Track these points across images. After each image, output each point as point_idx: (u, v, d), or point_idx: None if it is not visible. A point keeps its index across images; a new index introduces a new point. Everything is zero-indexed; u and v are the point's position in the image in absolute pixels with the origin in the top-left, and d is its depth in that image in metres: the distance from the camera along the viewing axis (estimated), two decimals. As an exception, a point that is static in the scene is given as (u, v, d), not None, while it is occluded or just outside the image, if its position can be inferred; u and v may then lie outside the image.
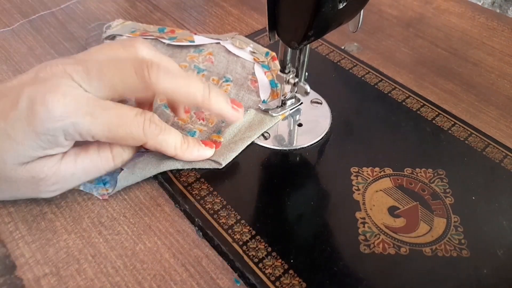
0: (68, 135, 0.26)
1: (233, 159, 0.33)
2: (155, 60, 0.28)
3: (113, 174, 0.32)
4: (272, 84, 0.39)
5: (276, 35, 0.30)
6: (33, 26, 0.47)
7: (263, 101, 0.37)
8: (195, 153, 0.31)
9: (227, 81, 0.39)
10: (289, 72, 0.33)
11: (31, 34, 0.46)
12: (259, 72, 0.40)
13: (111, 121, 0.27)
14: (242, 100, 0.38)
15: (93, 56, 0.29)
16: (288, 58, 0.33)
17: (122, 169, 0.31)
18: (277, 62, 0.41)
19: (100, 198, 0.31)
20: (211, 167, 0.32)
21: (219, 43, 0.43)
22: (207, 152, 0.32)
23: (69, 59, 0.28)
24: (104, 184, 0.31)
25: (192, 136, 0.34)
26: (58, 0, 0.51)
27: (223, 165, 0.32)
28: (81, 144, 0.28)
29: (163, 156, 0.31)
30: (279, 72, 0.34)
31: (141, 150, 0.32)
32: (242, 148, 0.33)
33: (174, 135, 0.30)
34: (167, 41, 0.42)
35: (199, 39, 0.43)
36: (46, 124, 0.25)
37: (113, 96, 0.28)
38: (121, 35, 0.43)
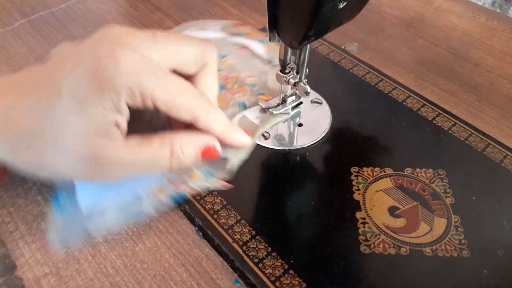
0: (130, 95, 0.25)
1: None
2: None
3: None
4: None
5: (276, 35, 0.30)
6: (33, 26, 0.47)
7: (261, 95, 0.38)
8: (238, 133, 0.30)
9: (223, 57, 0.40)
10: (289, 72, 0.33)
11: (31, 34, 0.46)
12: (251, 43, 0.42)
13: (174, 87, 0.26)
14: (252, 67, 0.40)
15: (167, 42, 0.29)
16: (288, 58, 0.33)
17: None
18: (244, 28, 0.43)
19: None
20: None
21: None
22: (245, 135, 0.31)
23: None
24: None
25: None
26: (58, 0, 0.51)
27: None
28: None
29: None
30: (279, 72, 0.34)
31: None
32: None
33: (223, 115, 0.29)
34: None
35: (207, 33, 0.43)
36: (113, 78, 0.24)
37: (171, 65, 0.28)
38: None
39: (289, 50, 0.32)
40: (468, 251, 0.28)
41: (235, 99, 0.36)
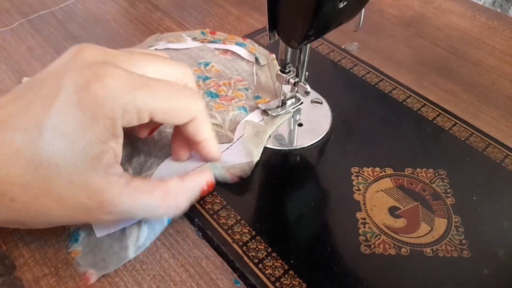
0: (126, 116, 0.23)
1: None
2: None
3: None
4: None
5: (276, 34, 0.29)
6: (32, 25, 0.47)
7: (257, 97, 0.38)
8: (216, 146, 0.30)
9: (207, 65, 0.41)
10: (289, 71, 0.33)
11: (31, 33, 0.46)
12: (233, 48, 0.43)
13: (167, 92, 0.25)
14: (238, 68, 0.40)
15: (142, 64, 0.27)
16: (288, 57, 0.33)
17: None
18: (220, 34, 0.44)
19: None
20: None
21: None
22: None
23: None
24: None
25: None
26: (58, 0, 0.51)
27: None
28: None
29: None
30: (279, 72, 0.34)
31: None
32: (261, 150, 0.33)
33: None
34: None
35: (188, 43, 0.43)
36: (105, 103, 0.22)
37: None
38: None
39: (289, 49, 0.32)
40: (469, 251, 0.28)
41: (232, 105, 0.36)
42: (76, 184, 0.22)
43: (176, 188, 0.27)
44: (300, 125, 0.36)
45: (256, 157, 0.32)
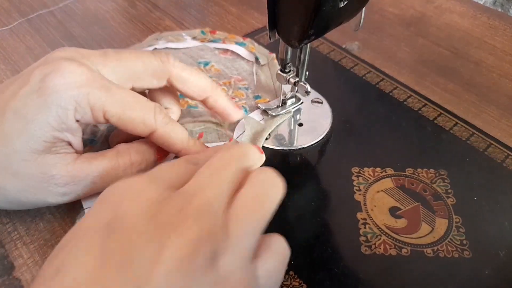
0: (79, 110, 0.24)
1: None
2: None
3: None
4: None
5: (276, 34, 0.29)
6: (31, 25, 0.47)
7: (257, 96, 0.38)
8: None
9: (206, 64, 0.41)
10: (290, 71, 0.33)
11: (30, 33, 0.46)
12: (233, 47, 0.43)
13: (126, 100, 0.26)
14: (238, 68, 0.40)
15: (122, 55, 0.29)
16: (289, 57, 0.32)
17: None
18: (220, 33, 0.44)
19: None
20: None
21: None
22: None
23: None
24: None
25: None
26: (57, -1, 0.51)
27: None
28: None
29: None
30: (279, 72, 0.33)
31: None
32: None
33: (181, 128, 0.29)
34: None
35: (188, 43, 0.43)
36: (59, 91, 0.24)
37: (126, 82, 0.28)
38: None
39: (289, 49, 0.32)
40: (470, 251, 0.28)
41: None
42: (30, 161, 0.24)
43: (127, 147, 0.28)
44: (301, 125, 0.36)
45: None
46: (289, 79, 0.33)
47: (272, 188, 0.23)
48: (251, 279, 0.20)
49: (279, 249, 0.23)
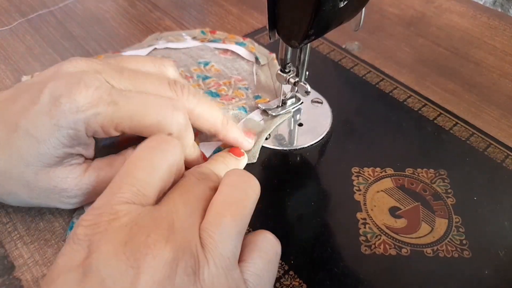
0: (89, 129, 0.25)
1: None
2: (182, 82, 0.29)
3: None
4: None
5: (276, 34, 0.29)
6: (31, 25, 0.47)
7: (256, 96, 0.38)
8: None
9: (206, 64, 0.41)
10: (290, 71, 0.33)
11: (30, 33, 0.46)
12: (233, 47, 0.43)
13: (136, 109, 0.26)
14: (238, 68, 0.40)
15: (123, 64, 0.28)
16: (289, 57, 0.32)
17: None
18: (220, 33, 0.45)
19: None
20: None
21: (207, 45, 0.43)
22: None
23: (95, 59, 0.28)
24: None
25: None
26: (57, -1, 0.51)
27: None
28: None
29: None
30: (279, 72, 0.33)
31: None
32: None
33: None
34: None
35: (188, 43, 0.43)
36: (68, 115, 0.24)
37: None
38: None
39: (289, 49, 0.32)
40: (469, 251, 0.28)
41: (233, 104, 0.36)
42: (42, 175, 0.25)
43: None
44: (301, 125, 0.36)
45: (253, 159, 0.32)
46: (289, 79, 0.33)
47: (245, 189, 0.23)
48: (238, 283, 0.20)
49: (267, 247, 0.23)
